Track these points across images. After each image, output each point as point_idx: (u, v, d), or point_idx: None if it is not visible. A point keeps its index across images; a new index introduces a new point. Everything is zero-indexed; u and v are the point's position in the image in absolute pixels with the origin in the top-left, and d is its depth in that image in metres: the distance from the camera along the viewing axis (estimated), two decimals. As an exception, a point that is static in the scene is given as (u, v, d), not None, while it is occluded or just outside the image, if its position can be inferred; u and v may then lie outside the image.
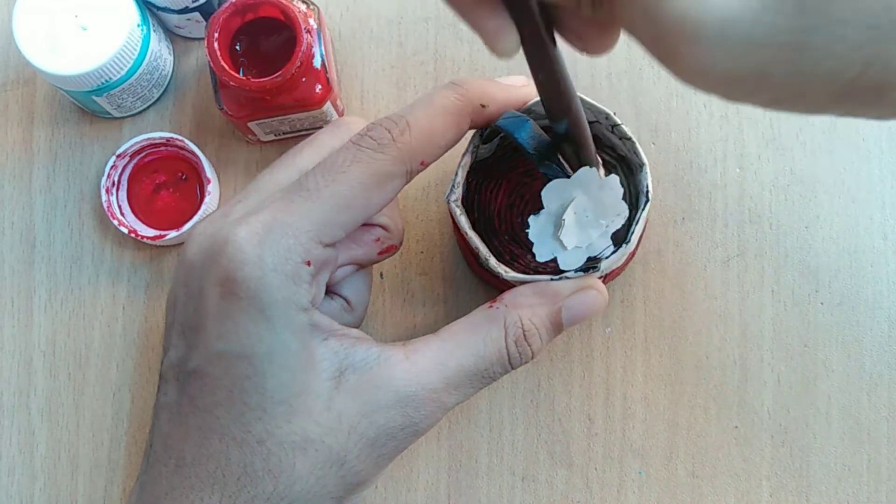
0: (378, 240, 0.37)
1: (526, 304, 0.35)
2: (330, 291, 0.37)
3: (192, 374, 0.33)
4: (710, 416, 0.43)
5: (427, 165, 0.34)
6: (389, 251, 0.38)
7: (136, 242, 0.46)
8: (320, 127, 0.45)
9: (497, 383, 0.44)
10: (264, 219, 0.32)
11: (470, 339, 0.34)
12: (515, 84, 0.37)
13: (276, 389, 0.32)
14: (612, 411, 0.44)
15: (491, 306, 0.35)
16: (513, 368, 0.35)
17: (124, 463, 0.44)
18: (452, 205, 0.37)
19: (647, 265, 0.44)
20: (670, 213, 0.45)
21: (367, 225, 0.37)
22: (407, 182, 0.34)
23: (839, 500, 0.43)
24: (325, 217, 0.33)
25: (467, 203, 0.42)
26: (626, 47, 0.46)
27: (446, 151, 0.35)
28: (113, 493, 0.44)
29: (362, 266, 0.38)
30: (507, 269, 0.37)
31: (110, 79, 0.42)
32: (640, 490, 0.43)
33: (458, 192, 0.38)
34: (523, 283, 0.36)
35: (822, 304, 0.44)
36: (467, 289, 0.45)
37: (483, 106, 0.35)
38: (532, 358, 0.35)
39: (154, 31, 0.44)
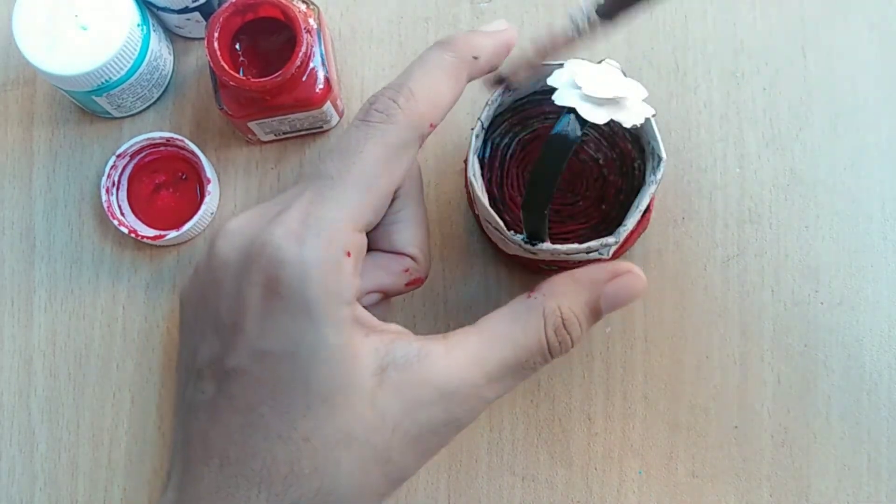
0: (407, 270, 0.37)
1: (564, 293, 0.35)
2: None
3: (233, 373, 0.32)
4: (710, 416, 0.43)
5: (435, 127, 0.34)
6: (416, 283, 0.38)
7: (136, 242, 0.46)
8: (320, 127, 0.45)
9: (497, 383, 0.44)
10: (298, 215, 0.32)
11: (509, 330, 0.34)
12: (499, 29, 0.37)
13: (319, 386, 0.31)
14: (612, 411, 0.44)
15: (528, 296, 0.35)
16: (553, 358, 0.35)
17: (124, 463, 0.44)
18: (472, 178, 0.38)
19: (648, 265, 0.44)
20: (670, 213, 0.45)
21: (397, 254, 0.37)
22: (420, 146, 0.34)
23: (839, 500, 0.43)
24: (355, 201, 0.33)
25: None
26: (626, 47, 0.46)
27: (449, 110, 0.35)
28: (113, 493, 0.44)
29: (388, 296, 0.38)
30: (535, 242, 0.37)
31: (110, 79, 0.42)
32: (640, 490, 0.43)
33: (476, 167, 0.38)
34: (555, 258, 0.37)
35: (822, 304, 0.44)
36: (468, 288, 0.45)
37: (475, 58, 0.35)
38: (571, 347, 0.35)
39: (154, 31, 0.44)
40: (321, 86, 0.42)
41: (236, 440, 0.32)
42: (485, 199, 0.38)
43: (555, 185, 0.33)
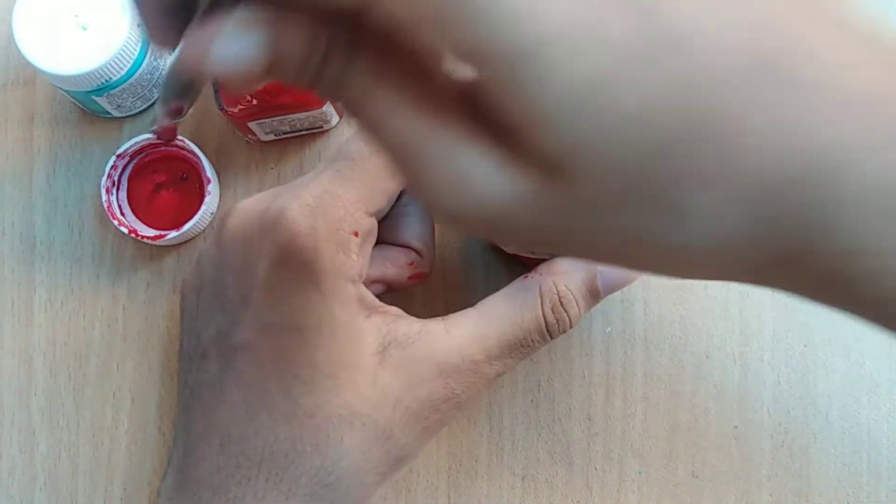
0: (412, 264, 0.37)
1: (560, 272, 0.35)
2: None
3: (239, 348, 0.32)
4: (710, 416, 0.43)
5: None
6: (419, 278, 0.38)
7: (136, 242, 0.46)
8: (320, 127, 0.45)
9: (497, 383, 0.44)
10: (314, 191, 0.33)
11: (507, 308, 0.35)
12: None
13: (325, 362, 0.32)
14: (612, 411, 0.44)
15: (526, 277, 0.35)
16: (552, 337, 0.35)
17: (124, 463, 0.44)
18: None
19: (647, 265, 0.44)
20: (670, 213, 0.45)
21: (403, 247, 0.37)
22: None
23: (839, 500, 0.43)
24: (371, 186, 0.33)
25: None
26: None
27: None
28: (113, 493, 0.44)
29: (391, 288, 0.38)
30: None
31: (110, 79, 0.42)
32: (640, 490, 0.43)
33: None
34: (554, 256, 0.37)
35: (822, 303, 0.44)
36: (467, 289, 0.45)
37: None
38: (571, 326, 0.35)
39: (154, 31, 0.44)
40: (321, 86, 0.42)
41: (240, 418, 0.32)
42: None
43: None
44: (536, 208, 0.20)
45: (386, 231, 0.37)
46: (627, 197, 0.19)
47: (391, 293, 0.38)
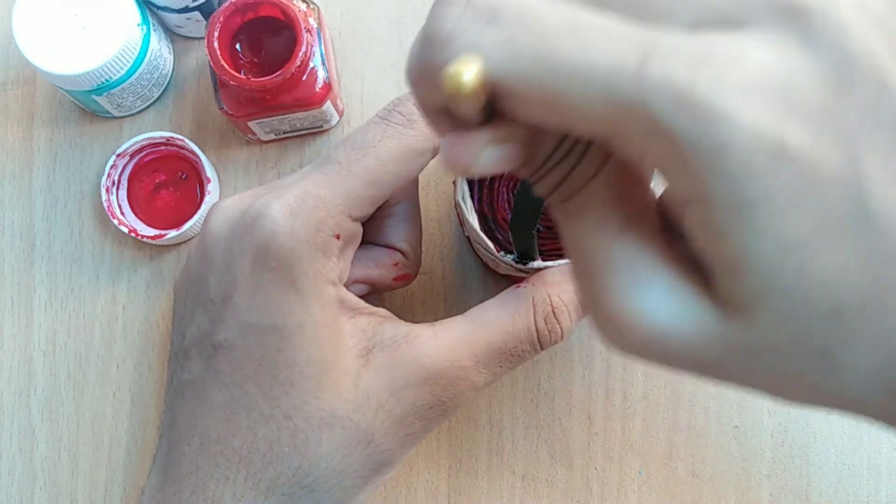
0: (396, 265, 0.37)
1: (554, 283, 0.35)
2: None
3: (220, 348, 0.32)
4: (710, 415, 0.43)
5: None
6: (404, 279, 0.38)
7: (136, 242, 0.46)
8: (320, 126, 0.45)
9: (497, 383, 0.44)
10: (297, 192, 0.32)
11: (498, 316, 0.34)
12: None
13: (305, 363, 0.31)
14: (612, 410, 0.44)
15: (518, 286, 0.35)
16: (542, 348, 0.35)
17: (124, 463, 0.44)
18: (460, 202, 0.37)
19: (647, 265, 0.44)
20: (670, 213, 0.45)
21: (388, 248, 0.37)
22: (432, 157, 0.34)
23: (839, 500, 0.43)
24: (356, 191, 0.33)
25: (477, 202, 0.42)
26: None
27: None
28: (113, 493, 0.44)
29: (376, 289, 0.38)
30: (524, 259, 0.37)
31: (110, 78, 0.42)
32: (640, 490, 0.43)
33: (465, 189, 0.38)
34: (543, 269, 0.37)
35: (822, 303, 0.44)
36: (467, 288, 0.45)
37: None
38: (562, 338, 0.35)
39: (154, 30, 0.44)
40: (321, 85, 0.42)
41: (219, 417, 0.32)
42: (474, 221, 0.38)
43: (542, 204, 0.33)
44: (711, 344, 0.21)
45: (371, 231, 0.37)
46: (795, 346, 0.20)
47: (374, 295, 0.38)
